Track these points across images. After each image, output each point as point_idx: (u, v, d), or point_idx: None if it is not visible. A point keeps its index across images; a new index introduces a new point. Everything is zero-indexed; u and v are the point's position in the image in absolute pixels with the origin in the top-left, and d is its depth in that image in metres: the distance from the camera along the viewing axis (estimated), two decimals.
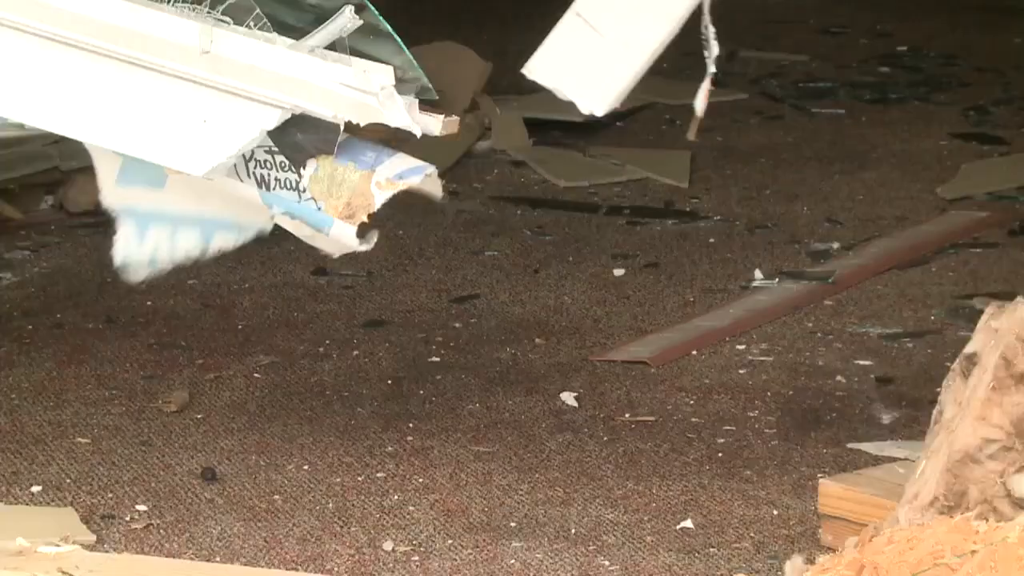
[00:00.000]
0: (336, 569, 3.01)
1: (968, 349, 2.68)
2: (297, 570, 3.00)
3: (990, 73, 5.74)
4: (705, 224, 4.68)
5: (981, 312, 2.74)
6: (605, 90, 2.60)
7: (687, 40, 2.61)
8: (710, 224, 4.67)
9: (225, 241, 2.96)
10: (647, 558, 3.09)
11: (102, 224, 3.00)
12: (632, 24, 2.56)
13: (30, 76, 2.82)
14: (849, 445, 3.42)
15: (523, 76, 5.51)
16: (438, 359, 3.91)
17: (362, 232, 2.80)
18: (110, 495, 3.29)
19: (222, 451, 3.48)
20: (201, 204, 2.92)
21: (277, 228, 2.90)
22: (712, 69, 2.56)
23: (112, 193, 2.95)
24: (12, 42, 2.81)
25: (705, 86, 2.57)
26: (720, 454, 3.47)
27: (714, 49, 2.56)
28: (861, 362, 3.86)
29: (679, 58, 2.63)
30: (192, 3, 2.78)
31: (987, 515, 2.52)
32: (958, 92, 5.61)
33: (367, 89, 2.72)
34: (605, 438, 3.55)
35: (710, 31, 2.55)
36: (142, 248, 2.98)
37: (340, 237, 2.80)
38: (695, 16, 2.58)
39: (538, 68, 2.62)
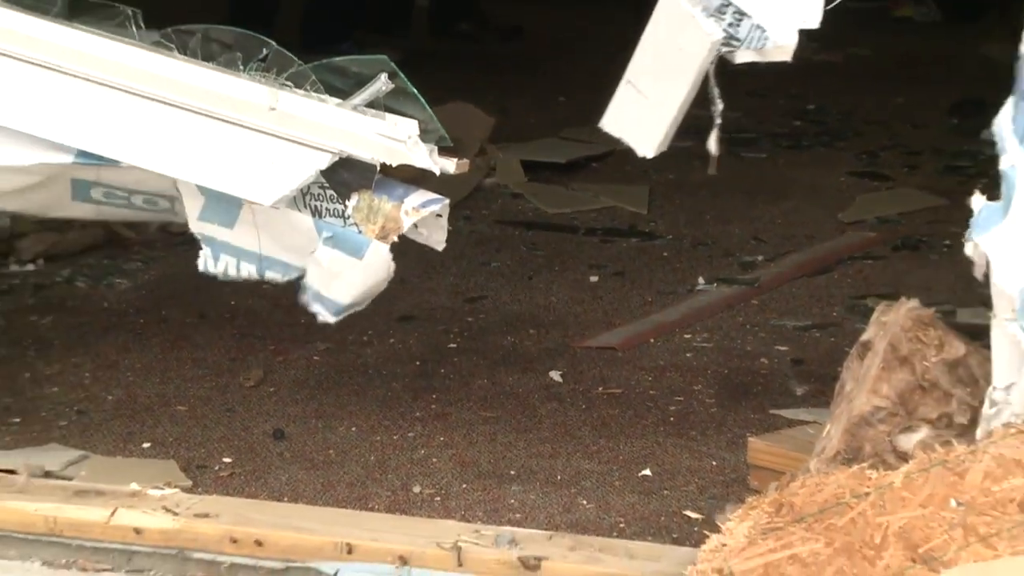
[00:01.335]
0: (376, 507, 3.02)
1: (863, 338, 2.68)
2: (347, 508, 2.99)
3: (877, 126, 5.77)
4: (659, 242, 4.68)
5: (873, 309, 2.73)
6: (652, 138, 2.58)
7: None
8: (663, 242, 4.68)
9: (274, 275, 2.96)
10: (616, 498, 3.09)
11: (195, 243, 2.98)
12: (664, 87, 2.54)
13: (140, 129, 2.80)
14: (771, 411, 3.42)
15: (520, 127, 5.50)
16: (455, 345, 3.90)
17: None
18: (202, 450, 3.29)
19: (288, 416, 3.48)
20: (259, 245, 2.92)
21: None
22: (718, 120, 2.54)
23: (196, 224, 2.93)
24: (127, 103, 2.78)
25: (714, 133, 2.57)
26: (672, 418, 3.46)
27: (717, 104, 2.54)
28: (780, 348, 3.86)
29: None
30: (262, 71, 2.76)
31: (877, 466, 2.50)
32: (853, 140, 5.64)
33: (398, 138, 2.70)
34: (583, 406, 3.54)
35: (715, 92, 2.53)
36: (216, 268, 2.97)
37: (374, 260, 2.77)
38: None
39: (609, 123, 2.59)
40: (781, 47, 2.49)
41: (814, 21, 2.47)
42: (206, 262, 2.96)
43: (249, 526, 2.78)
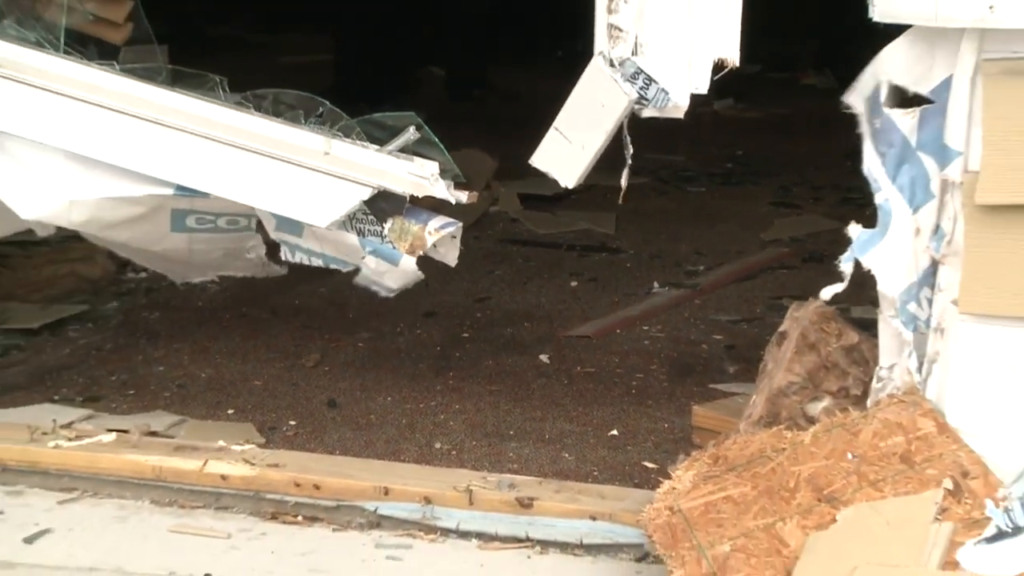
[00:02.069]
0: (406, 459, 3.00)
1: (780, 329, 2.68)
2: (383, 460, 2.97)
3: (790, 167, 5.79)
4: (623, 255, 4.66)
5: (787, 308, 2.72)
6: (572, 173, 2.56)
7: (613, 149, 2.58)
8: (626, 255, 4.66)
9: (337, 266, 2.93)
10: (591, 452, 3.08)
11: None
12: (585, 134, 2.52)
13: (225, 168, 2.79)
14: (710, 386, 3.40)
15: (518, 168, 5.49)
16: (467, 335, 3.88)
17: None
18: (273, 415, 3.28)
19: (339, 389, 3.46)
20: (321, 248, 2.90)
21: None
22: (629, 161, 2.52)
23: (274, 234, 2.94)
24: (215, 148, 2.78)
25: (626, 171, 2.53)
26: (633, 391, 3.45)
27: (629, 149, 2.53)
28: (716, 336, 3.84)
29: (611, 159, 2.58)
30: (319, 124, 2.75)
31: (791, 427, 2.52)
32: (771, 178, 5.65)
33: (423, 176, 2.69)
34: (565, 381, 3.52)
35: (627, 139, 2.51)
36: (295, 258, 2.97)
37: (406, 267, 2.76)
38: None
39: (537, 160, 2.59)
40: (678, 106, 2.48)
41: (703, 87, 2.47)
42: (286, 255, 2.96)
43: (309, 474, 2.78)
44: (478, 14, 7.38)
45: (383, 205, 2.73)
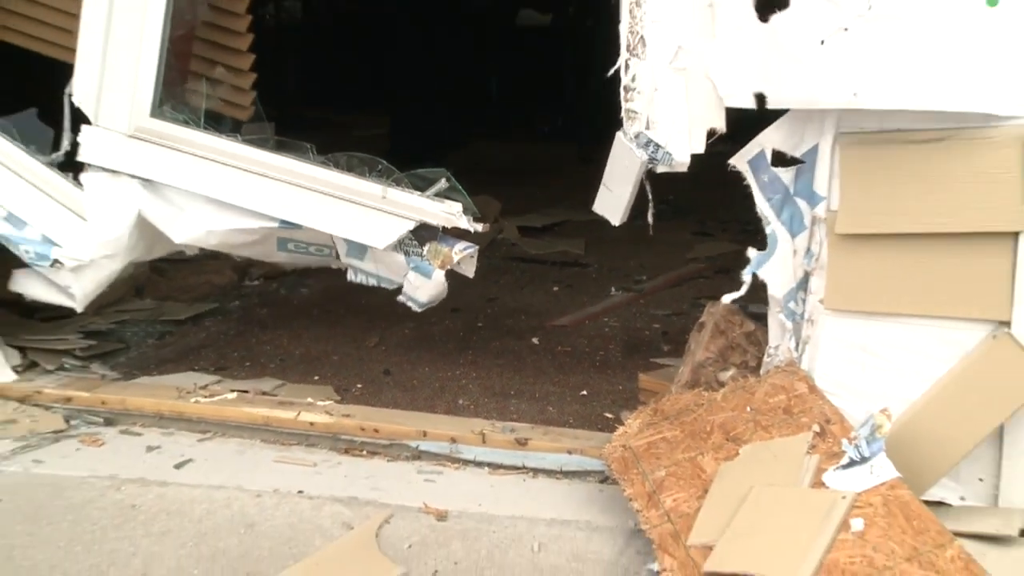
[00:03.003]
0: (438, 411, 2.98)
1: (700, 320, 2.67)
2: (423, 412, 2.95)
3: (706, 207, 5.70)
4: (590, 269, 4.63)
5: (704, 305, 2.70)
6: (617, 214, 2.54)
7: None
8: (592, 269, 4.63)
9: (384, 285, 2.91)
10: (568, 406, 3.05)
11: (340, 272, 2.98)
12: (620, 187, 2.50)
13: (313, 208, 2.77)
14: (651, 360, 3.37)
15: (516, 208, 5.43)
16: (481, 325, 3.85)
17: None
18: (346, 380, 3.26)
19: (393, 362, 3.43)
20: (376, 270, 2.88)
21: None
22: (650, 201, 2.50)
23: (344, 259, 2.91)
24: (306, 193, 2.76)
25: (651, 209, 2.52)
26: (597, 363, 3.42)
27: (650, 195, 2.50)
28: (655, 325, 3.81)
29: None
30: (378, 177, 2.74)
31: (708, 389, 2.49)
32: (693, 215, 5.59)
33: (451, 212, 2.67)
34: (550, 357, 3.49)
35: (648, 187, 2.48)
36: (356, 279, 2.93)
37: (437, 279, 2.74)
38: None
39: (596, 207, 2.57)
40: (681, 163, 2.45)
41: (700, 149, 2.44)
42: (351, 276, 2.93)
43: (371, 421, 2.77)
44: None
45: (423, 233, 2.71)
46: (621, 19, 2.37)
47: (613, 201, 2.51)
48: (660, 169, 2.45)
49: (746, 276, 2.43)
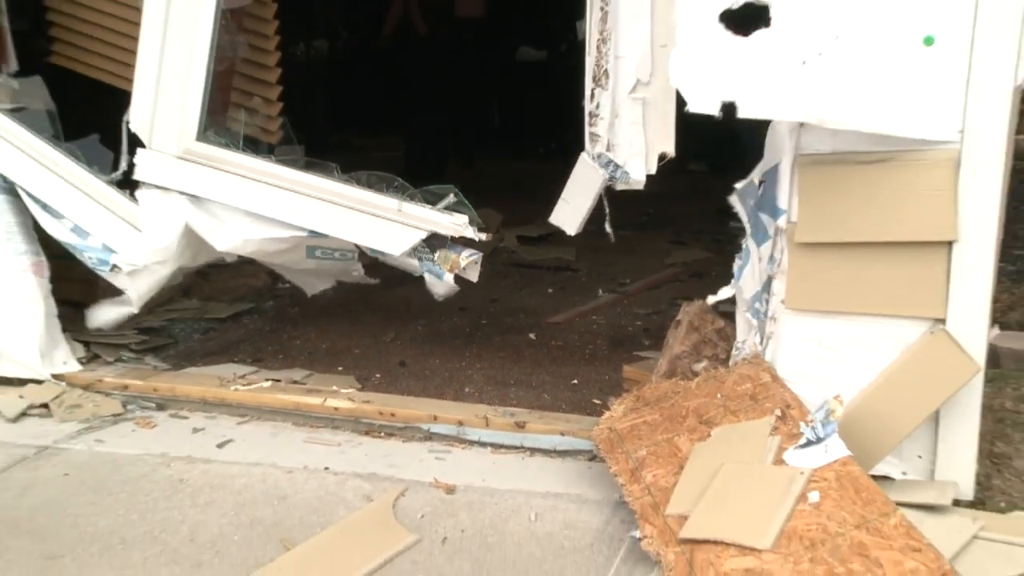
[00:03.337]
0: (447, 398, 2.97)
1: (677, 318, 2.66)
2: (433, 399, 2.94)
3: (681, 220, 5.70)
4: (581, 273, 4.61)
5: (680, 305, 2.70)
6: (573, 225, 2.54)
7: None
8: (582, 273, 4.60)
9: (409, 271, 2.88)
10: (561, 394, 3.05)
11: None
12: (579, 200, 2.50)
13: (338, 219, 2.77)
14: (634, 353, 3.36)
15: (516, 220, 5.43)
16: (486, 322, 3.84)
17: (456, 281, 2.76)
18: (366, 371, 3.24)
19: (408, 355, 3.42)
20: (395, 261, 2.84)
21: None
22: (608, 215, 2.51)
23: (370, 253, 2.85)
24: (332, 207, 2.76)
25: (608, 221, 2.53)
26: (587, 356, 3.41)
27: (607, 209, 2.51)
28: (637, 323, 3.80)
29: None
30: (394, 192, 2.74)
31: (684, 379, 2.49)
32: (670, 227, 5.57)
33: (458, 224, 2.68)
34: (545, 350, 3.48)
35: (605, 202, 2.50)
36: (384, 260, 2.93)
37: (448, 280, 2.74)
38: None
39: (553, 218, 2.57)
40: (637, 181, 2.46)
41: (653, 170, 2.46)
42: (381, 258, 2.88)
43: (388, 406, 2.77)
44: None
45: (434, 242, 2.71)
46: (588, 53, 2.39)
47: (571, 213, 2.52)
48: (619, 186, 2.47)
49: (726, 292, 2.45)
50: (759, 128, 2.28)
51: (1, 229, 2.93)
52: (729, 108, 2.13)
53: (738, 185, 2.39)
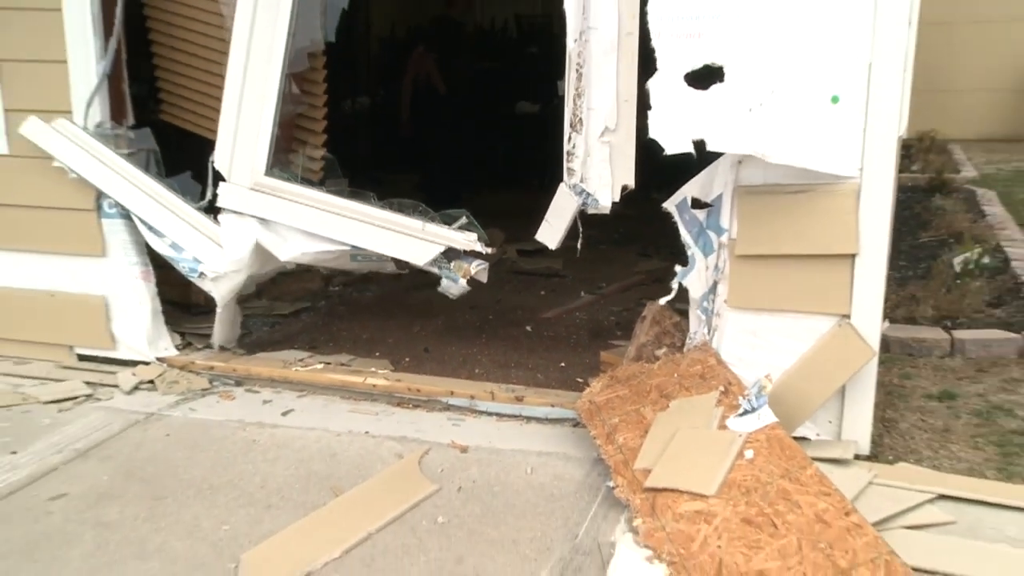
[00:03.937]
0: (462, 377, 2.96)
1: (643, 314, 2.66)
2: (450, 378, 2.93)
3: (646, 238, 5.64)
4: (567, 279, 4.58)
5: (645, 304, 2.70)
6: (553, 240, 2.53)
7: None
8: (568, 279, 4.58)
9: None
10: (552, 374, 3.04)
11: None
12: (558, 222, 2.49)
13: (374, 237, 2.76)
14: (609, 342, 3.35)
15: (515, 237, 5.40)
16: (491, 317, 3.82)
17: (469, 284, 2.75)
18: (397, 355, 3.23)
19: (431, 343, 3.40)
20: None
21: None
22: (580, 233, 2.51)
23: (397, 261, 2.86)
24: (369, 228, 2.75)
25: (580, 239, 2.52)
26: (572, 344, 3.40)
27: (580, 228, 2.50)
28: (612, 318, 3.78)
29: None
30: (419, 215, 2.74)
31: (648, 362, 2.49)
32: (637, 243, 5.52)
33: (470, 240, 2.68)
34: (539, 340, 3.47)
35: (579, 223, 2.49)
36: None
37: (462, 284, 2.73)
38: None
39: (539, 236, 2.56)
40: (604, 207, 2.47)
41: (617, 198, 2.47)
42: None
43: (415, 384, 2.77)
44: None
45: (450, 254, 2.71)
46: (566, 105, 2.41)
47: (552, 232, 2.52)
48: (590, 211, 2.47)
49: (674, 284, 2.46)
50: (699, 164, 2.29)
51: (118, 245, 3.00)
52: (700, 144, 2.14)
53: (674, 202, 2.41)
